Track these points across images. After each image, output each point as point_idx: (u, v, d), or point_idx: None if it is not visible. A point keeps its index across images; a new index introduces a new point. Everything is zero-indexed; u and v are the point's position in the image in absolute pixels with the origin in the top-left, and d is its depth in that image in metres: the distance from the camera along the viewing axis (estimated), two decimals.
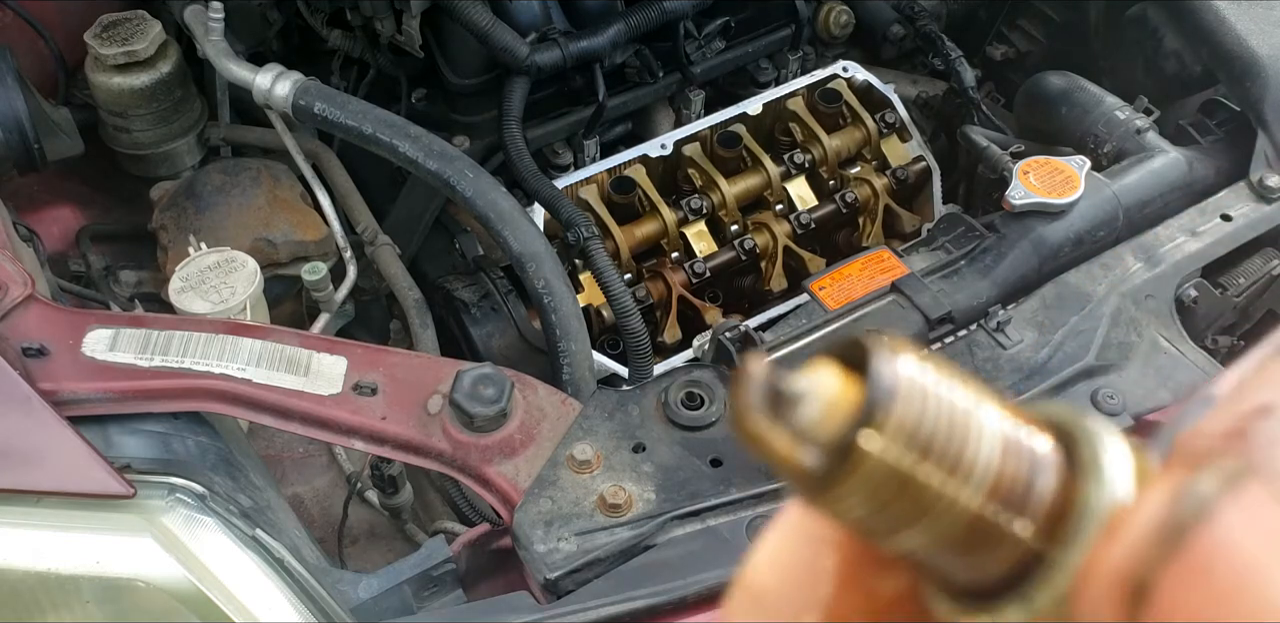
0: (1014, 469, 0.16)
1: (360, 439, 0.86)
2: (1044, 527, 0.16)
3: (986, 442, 0.16)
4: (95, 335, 0.87)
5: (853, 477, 0.15)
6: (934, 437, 0.16)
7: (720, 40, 1.32)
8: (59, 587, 0.76)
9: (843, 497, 0.16)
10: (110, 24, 1.23)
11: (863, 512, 0.16)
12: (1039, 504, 0.16)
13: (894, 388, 0.15)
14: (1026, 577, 0.16)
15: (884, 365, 0.16)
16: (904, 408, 0.16)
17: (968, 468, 0.16)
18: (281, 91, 1.14)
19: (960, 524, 0.16)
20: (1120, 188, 1.12)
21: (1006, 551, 0.16)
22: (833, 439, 0.15)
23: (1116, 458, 0.17)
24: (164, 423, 0.86)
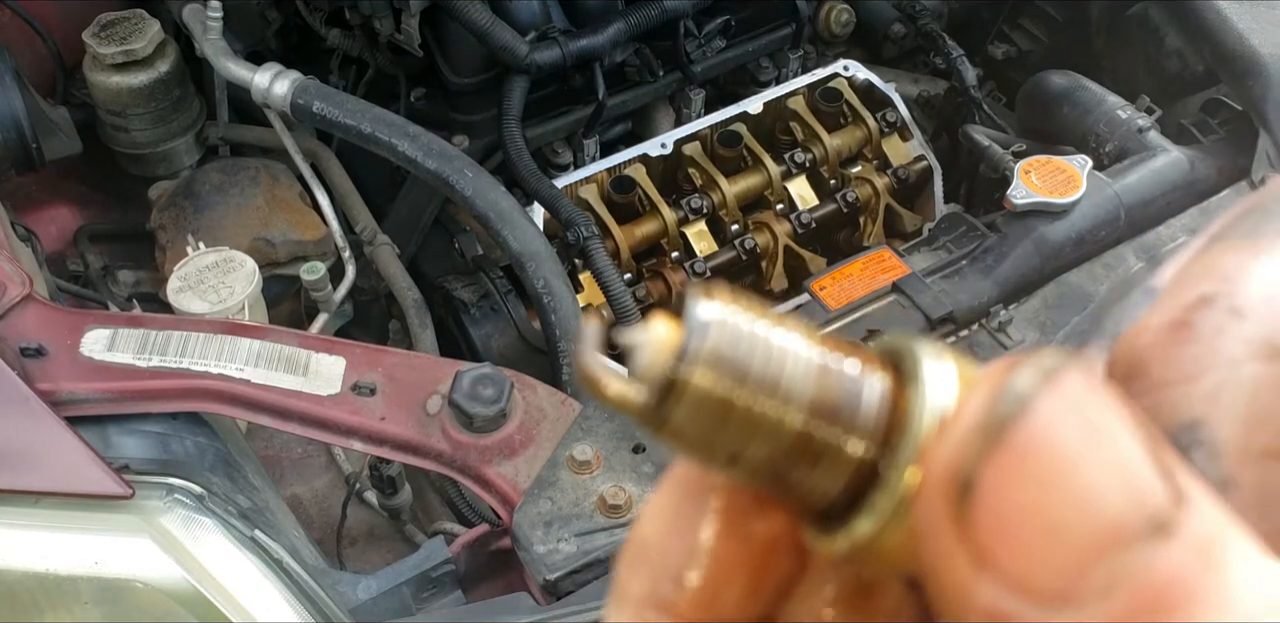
0: (833, 388, 0.18)
1: (359, 440, 0.87)
2: (875, 441, 0.18)
3: (802, 365, 0.18)
4: (93, 335, 0.88)
5: (678, 407, 0.17)
6: (749, 364, 0.17)
7: (721, 39, 1.33)
8: (57, 587, 0.76)
9: (676, 428, 0.18)
10: (108, 23, 1.24)
11: (696, 440, 0.18)
12: (865, 419, 0.18)
13: (706, 323, 0.17)
14: (868, 490, 0.18)
15: (697, 305, 0.18)
16: (717, 340, 0.17)
17: (785, 389, 0.17)
18: (280, 90, 1.14)
19: (788, 444, 0.17)
20: (1122, 187, 1.13)
21: (842, 467, 0.18)
22: (658, 376, 0.17)
23: (938, 366, 0.18)
24: (162, 423, 0.87)
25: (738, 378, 0.17)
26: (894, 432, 0.17)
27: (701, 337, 0.17)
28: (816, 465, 0.18)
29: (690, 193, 1.25)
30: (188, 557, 0.78)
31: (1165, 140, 1.18)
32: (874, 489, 0.17)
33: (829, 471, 0.18)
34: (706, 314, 0.18)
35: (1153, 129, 1.19)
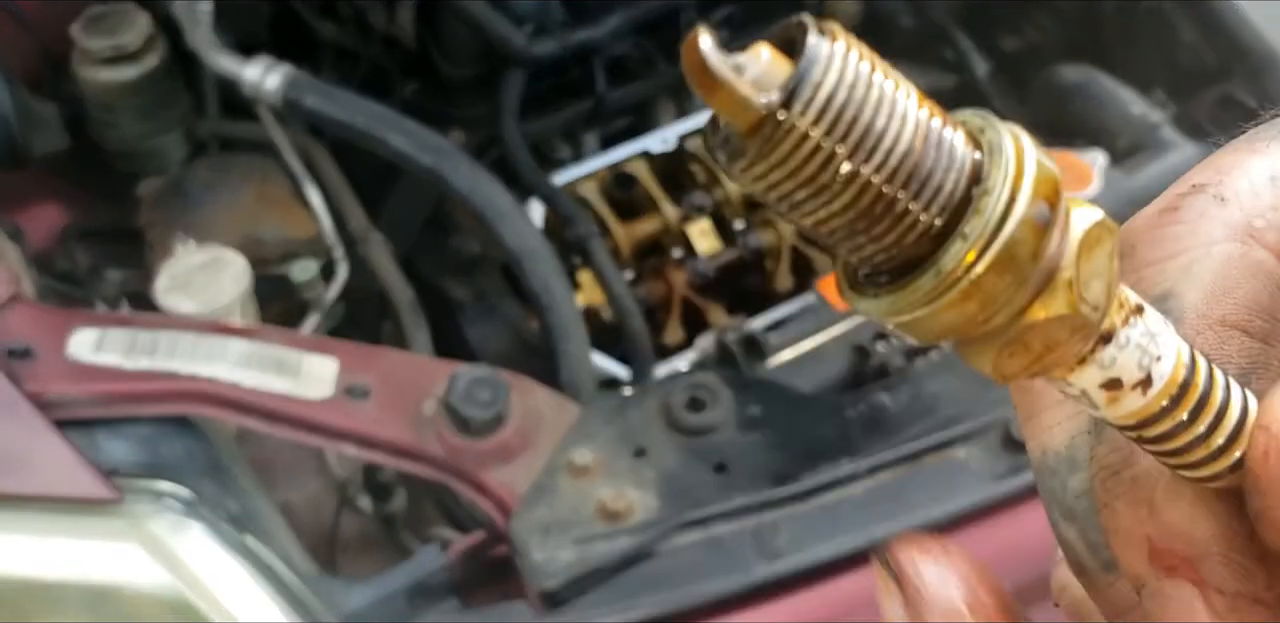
0: (926, 152, 0.18)
1: (352, 444, 0.86)
2: (953, 210, 0.18)
3: (905, 125, 0.18)
4: (81, 336, 0.87)
5: (767, 141, 0.17)
6: (861, 108, 0.17)
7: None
8: (45, 593, 0.76)
9: (758, 162, 0.17)
10: (97, 17, 1.23)
11: (776, 180, 0.18)
12: (948, 189, 0.18)
13: (825, 65, 0.17)
14: (928, 262, 0.18)
15: (815, 39, 0.17)
16: (833, 77, 0.17)
17: (889, 138, 0.18)
18: (271, 85, 1.14)
19: (869, 200, 0.18)
20: (1135, 184, 1.12)
21: (914, 234, 0.18)
22: (757, 106, 0.17)
23: (1027, 152, 0.18)
24: (151, 427, 0.86)
25: (833, 124, 0.17)
26: (979, 184, 0.18)
27: (821, 68, 0.17)
28: (903, 212, 0.18)
29: (693, 189, 1.24)
30: (177, 562, 0.78)
31: (1179, 136, 1.18)
32: (954, 236, 0.18)
33: (911, 220, 0.18)
34: (825, 49, 0.17)
35: (1166, 124, 1.18)
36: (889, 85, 0.18)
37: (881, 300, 0.19)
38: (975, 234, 0.18)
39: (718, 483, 0.84)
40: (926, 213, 0.18)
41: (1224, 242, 0.21)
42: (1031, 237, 0.18)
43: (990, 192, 0.18)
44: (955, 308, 0.18)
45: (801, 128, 0.17)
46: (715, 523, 0.82)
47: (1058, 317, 0.18)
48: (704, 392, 0.88)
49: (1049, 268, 0.18)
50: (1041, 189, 0.18)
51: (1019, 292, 0.18)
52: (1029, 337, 0.18)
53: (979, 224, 0.18)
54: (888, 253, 0.18)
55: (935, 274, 0.18)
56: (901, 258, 0.18)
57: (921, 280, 0.18)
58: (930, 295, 0.18)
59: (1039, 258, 0.18)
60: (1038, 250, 0.18)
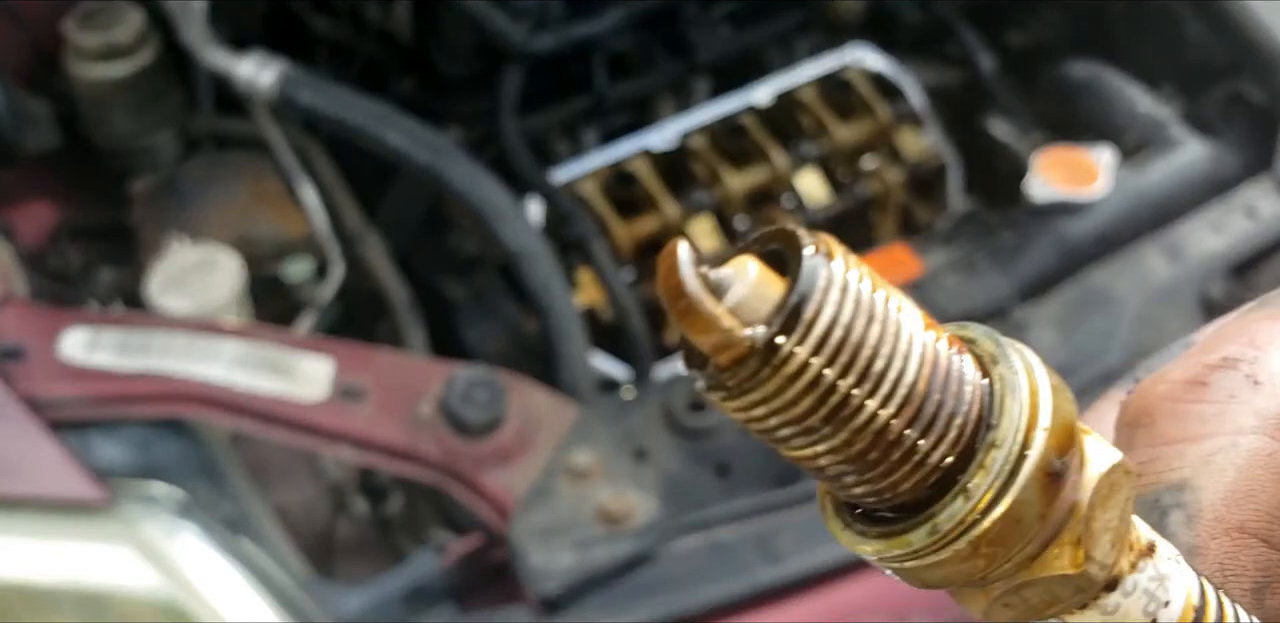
0: (935, 379, 0.16)
1: (347, 447, 0.86)
2: (958, 454, 0.16)
3: (914, 349, 0.16)
4: (73, 336, 0.87)
5: (759, 374, 0.15)
6: (860, 340, 0.15)
7: (726, 26, 1.32)
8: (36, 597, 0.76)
9: (747, 402, 0.15)
10: (90, 13, 1.23)
11: (766, 413, 0.16)
12: (962, 417, 0.16)
13: (822, 290, 0.15)
14: (933, 503, 0.16)
15: (813, 258, 0.15)
16: (831, 304, 0.15)
17: (891, 374, 0.16)
18: (266, 81, 1.14)
19: (874, 432, 0.16)
20: (1143, 182, 1.12)
21: (922, 466, 0.16)
22: (745, 333, 0.15)
23: (1043, 391, 0.17)
24: (144, 428, 0.87)
25: (843, 352, 0.15)
26: (986, 433, 0.16)
27: (819, 294, 0.15)
28: (901, 458, 0.16)
29: (695, 187, 1.24)
30: (169, 565, 0.78)
31: (1186, 133, 1.18)
32: (955, 492, 0.16)
33: (910, 466, 0.16)
34: (824, 268, 0.15)
35: (1174, 121, 1.19)
36: (892, 308, 0.16)
37: (870, 542, 0.17)
38: (979, 491, 0.16)
39: (720, 486, 0.84)
40: (929, 456, 0.16)
41: (1253, 434, 0.20)
42: (1040, 497, 0.16)
43: (999, 445, 0.16)
44: (951, 565, 0.17)
45: (795, 363, 0.15)
46: (717, 526, 0.82)
47: (1061, 576, 0.17)
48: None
49: (1056, 525, 0.17)
50: (1056, 439, 0.16)
51: (1021, 551, 0.17)
52: (1027, 592, 0.17)
53: (984, 480, 0.16)
54: (881, 494, 0.17)
55: (930, 531, 0.16)
56: (897, 500, 0.17)
57: (915, 534, 0.17)
58: (924, 552, 0.17)
59: (1046, 519, 0.17)
60: (1045, 512, 0.16)
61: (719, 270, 0.15)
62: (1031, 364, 0.17)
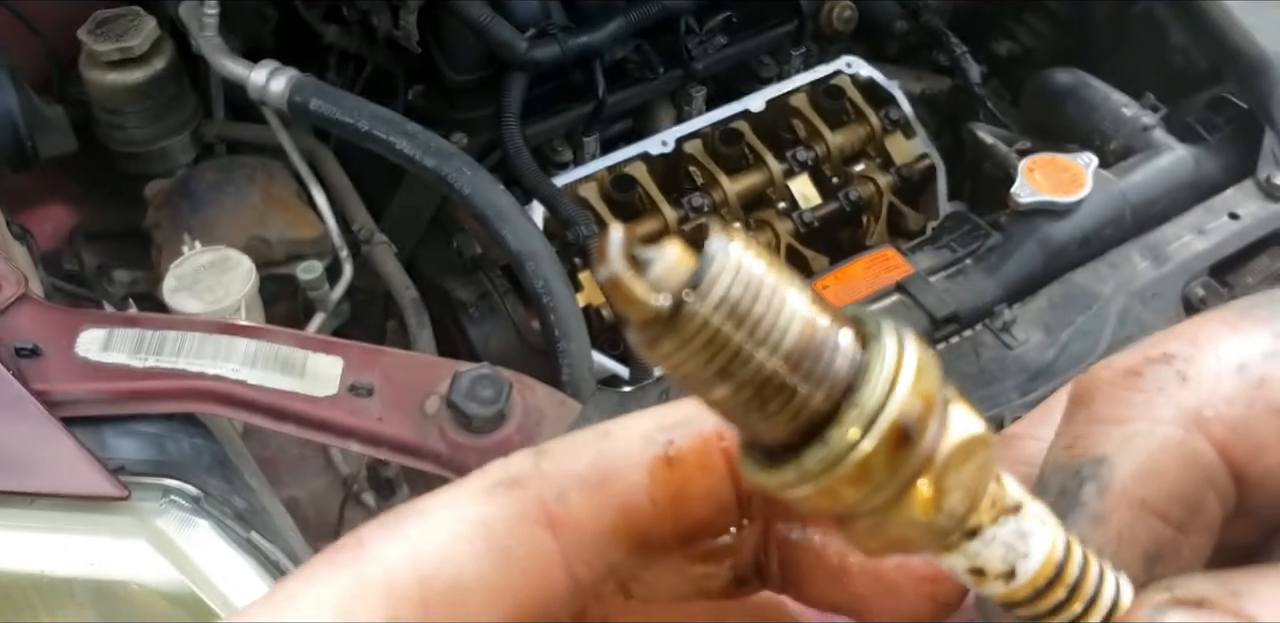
0: (811, 344, 0.19)
1: (356, 441, 0.87)
2: (833, 398, 0.20)
3: (795, 319, 0.19)
4: (89, 335, 0.87)
5: (672, 330, 0.19)
6: (749, 307, 0.19)
7: (722, 36, 1.32)
8: (52, 589, 0.76)
9: (664, 346, 0.19)
10: (104, 20, 1.23)
11: (680, 361, 0.19)
12: (831, 376, 0.20)
13: (724, 258, 0.19)
14: (812, 440, 0.20)
15: (717, 241, 0.19)
16: (728, 276, 0.19)
17: (773, 337, 0.19)
18: (277, 88, 1.14)
19: (759, 384, 0.19)
20: (1127, 185, 1.12)
21: (801, 414, 0.20)
22: (664, 297, 0.19)
23: (908, 357, 0.20)
24: (158, 424, 0.87)
25: (735, 317, 0.19)
26: (849, 394, 0.20)
27: (717, 270, 0.19)
28: (779, 407, 0.19)
29: (691, 191, 1.24)
30: (183, 559, 0.78)
31: (1170, 138, 1.18)
32: (817, 441, 0.20)
33: (788, 414, 0.20)
34: (725, 250, 0.19)
35: (1158, 127, 1.19)
36: (781, 285, 0.19)
37: (762, 474, 0.20)
38: (835, 440, 0.19)
39: None
40: (804, 407, 0.19)
41: (1169, 424, 0.21)
42: (888, 450, 0.19)
43: (857, 403, 0.19)
44: (821, 497, 0.20)
45: (694, 322, 0.19)
46: None
47: (908, 520, 0.20)
48: None
49: (907, 478, 0.20)
50: (911, 404, 0.19)
51: (875, 495, 0.20)
52: (885, 528, 0.20)
53: (839, 432, 0.19)
54: (769, 435, 0.20)
55: (797, 469, 0.20)
56: (780, 441, 0.20)
57: (786, 471, 0.20)
58: (796, 482, 0.20)
59: (895, 471, 0.19)
60: (894, 464, 0.19)
61: (646, 250, 0.19)
62: (903, 340, 0.20)
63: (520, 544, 0.21)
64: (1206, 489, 0.21)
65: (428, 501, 0.22)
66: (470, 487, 0.22)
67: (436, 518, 0.21)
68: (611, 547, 0.22)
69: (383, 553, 0.21)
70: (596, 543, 0.22)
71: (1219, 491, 0.21)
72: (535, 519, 0.21)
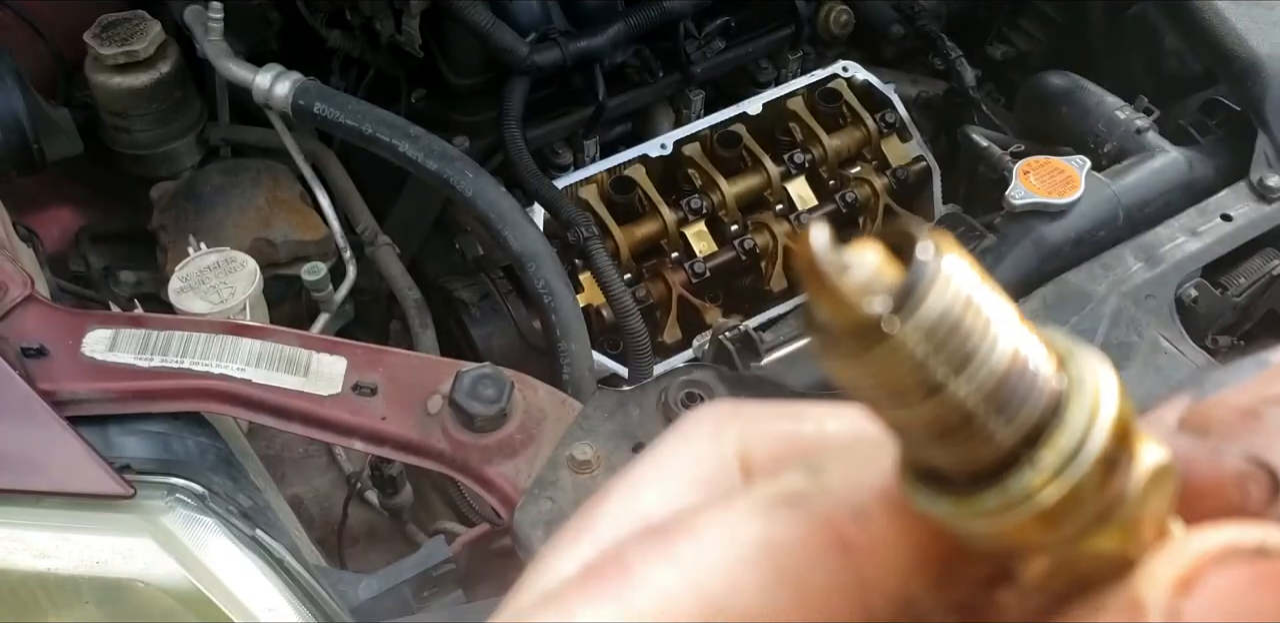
0: (1015, 378, 0.18)
1: (360, 439, 0.86)
2: (1025, 439, 0.18)
3: (1000, 349, 0.17)
4: (94, 336, 0.87)
5: (866, 353, 0.17)
6: (957, 329, 0.17)
7: (720, 40, 1.32)
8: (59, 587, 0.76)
9: (850, 369, 0.17)
10: (110, 24, 1.23)
11: (864, 384, 0.17)
12: (1028, 417, 0.18)
13: (932, 277, 0.17)
14: (993, 479, 0.18)
15: (928, 250, 0.17)
16: (935, 299, 0.17)
17: (977, 363, 0.17)
18: (281, 91, 1.14)
19: (951, 416, 0.17)
20: (1120, 187, 1.12)
21: (984, 449, 0.18)
22: (858, 314, 0.17)
23: (1107, 390, 0.18)
24: (163, 423, 0.86)
25: (938, 344, 0.17)
26: (1050, 426, 0.18)
27: (926, 291, 0.17)
28: (969, 436, 0.18)
29: (690, 193, 1.24)
30: (189, 556, 0.78)
31: (1164, 141, 1.18)
32: (1012, 474, 0.18)
33: (979, 444, 0.18)
34: (934, 265, 0.17)
35: (1151, 129, 1.19)
36: (991, 302, 0.17)
37: (941, 503, 0.18)
38: (1045, 466, 0.18)
39: None
40: (1002, 433, 0.18)
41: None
42: (1097, 478, 0.18)
43: (1067, 429, 0.18)
44: (1013, 531, 0.18)
45: (903, 340, 0.17)
46: None
47: (1098, 555, 0.18)
48: (700, 388, 0.88)
49: (1101, 513, 0.18)
50: (1115, 432, 0.18)
51: (1075, 527, 0.18)
52: (1073, 564, 0.19)
53: (1052, 457, 0.18)
54: (955, 463, 0.18)
55: (1000, 494, 0.18)
56: (969, 470, 0.18)
57: (985, 497, 0.18)
58: (990, 514, 0.18)
59: (1100, 500, 0.18)
60: (1101, 493, 0.18)
61: (844, 253, 0.17)
62: (1101, 365, 0.18)
63: (816, 572, 0.18)
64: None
65: (692, 518, 0.19)
66: (743, 504, 0.19)
67: (711, 539, 0.18)
68: (915, 577, 0.19)
69: (655, 578, 0.18)
70: (900, 572, 0.19)
71: None
72: (828, 543, 0.18)
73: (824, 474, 0.19)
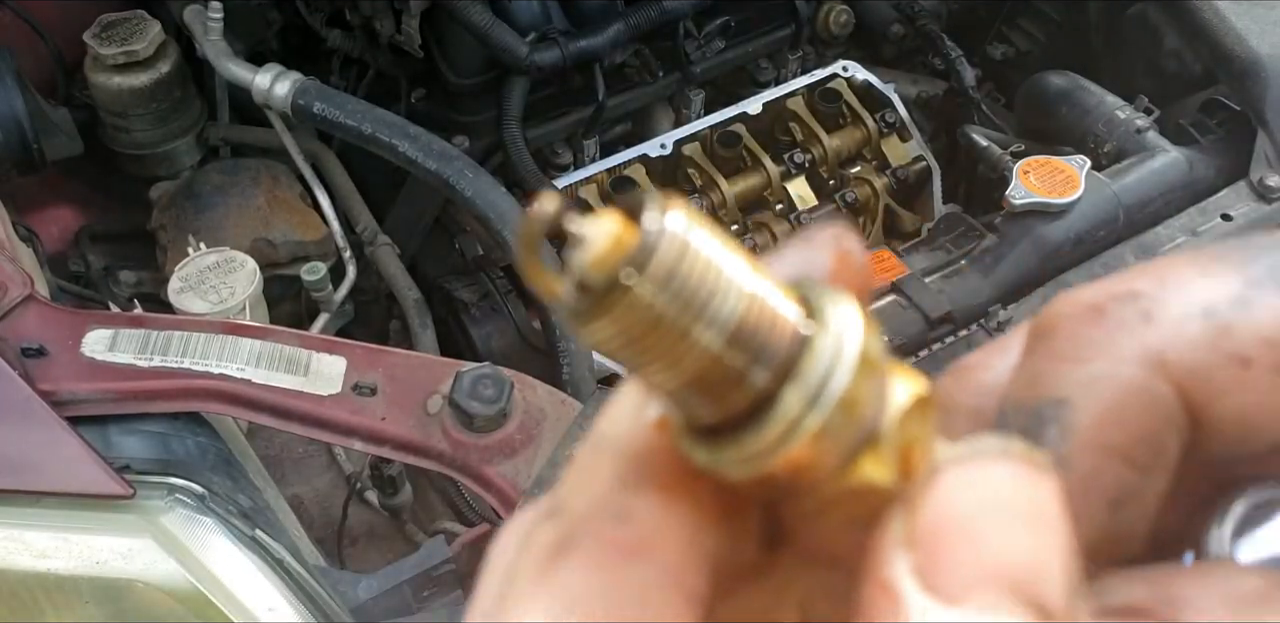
0: (756, 323, 0.19)
1: (360, 440, 0.86)
2: (779, 376, 0.19)
3: (737, 296, 0.18)
4: (94, 336, 0.87)
5: (611, 312, 0.18)
6: (688, 283, 0.18)
7: (720, 40, 1.32)
8: (59, 587, 0.76)
9: (599, 331, 0.18)
10: (109, 24, 1.23)
11: (618, 344, 0.18)
12: (774, 354, 0.19)
13: (664, 234, 0.18)
14: (758, 418, 0.19)
15: (656, 213, 0.18)
16: (668, 253, 0.18)
17: (717, 316, 0.18)
18: (281, 91, 1.14)
19: (701, 364, 0.18)
20: (1120, 187, 1.12)
21: (740, 394, 0.19)
22: (599, 276, 0.18)
23: (851, 329, 0.19)
24: (163, 423, 0.86)
25: (675, 295, 0.18)
26: (795, 369, 0.19)
27: (655, 247, 0.18)
28: (718, 390, 0.19)
29: (690, 193, 1.24)
30: (189, 556, 0.78)
31: (1164, 140, 1.18)
32: (763, 418, 0.19)
33: (727, 397, 0.19)
34: (665, 225, 0.18)
35: (1151, 129, 1.19)
36: (727, 258, 0.18)
37: (706, 454, 0.19)
38: (791, 404, 0.19)
39: None
40: (755, 377, 0.19)
41: (1131, 364, 0.21)
42: (844, 415, 0.19)
43: (811, 366, 0.19)
44: (777, 470, 0.19)
45: (642, 293, 0.18)
46: None
47: (863, 486, 0.19)
48: None
49: (856, 447, 0.19)
50: (864, 366, 0.19)
51: (833, 459, 0.19)
52: (842, 498, 0.20)
53: (797, 395, 0.19)
54: (719, 412, 0.19)
55: (755, 436, 0.19)
56: (732, 417, 0.19)
57: (743, 441, 0.19)
58: (752, 457, 0.19)
59: (845, 441, 0.19)
60: (853, 424, 0.19)
61: (581, 224, 0.18)
62: (845, 308, 0.20)
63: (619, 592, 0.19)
64: (1168, 431, 0.21)
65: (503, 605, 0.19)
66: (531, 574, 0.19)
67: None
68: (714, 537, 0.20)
69: None
70: (692, 544, 0.20)
71: (1178, 433, 0.21)
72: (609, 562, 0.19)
73: (563, 502, 0.20)
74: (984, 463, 0.19)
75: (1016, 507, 0.18)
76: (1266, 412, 0.21)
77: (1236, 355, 0.21)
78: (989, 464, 0.19)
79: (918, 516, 0.19)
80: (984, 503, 0.18)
